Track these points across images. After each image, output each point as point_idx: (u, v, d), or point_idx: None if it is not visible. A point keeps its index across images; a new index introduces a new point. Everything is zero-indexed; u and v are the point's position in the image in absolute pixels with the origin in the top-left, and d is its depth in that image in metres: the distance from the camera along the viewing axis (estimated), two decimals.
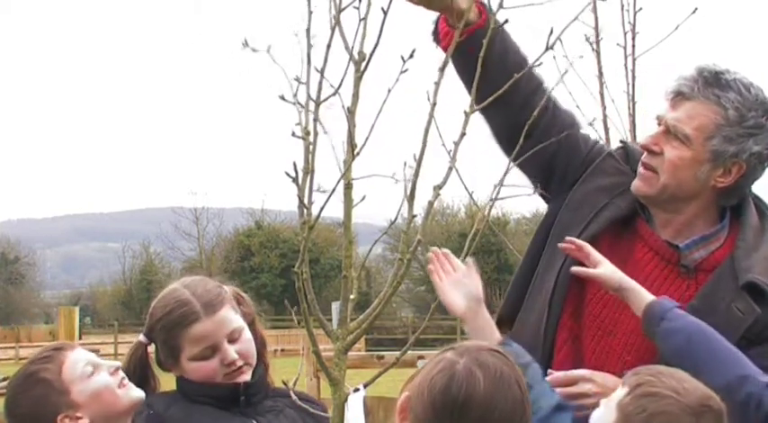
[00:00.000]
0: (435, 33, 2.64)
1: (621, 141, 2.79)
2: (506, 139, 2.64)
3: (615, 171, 2.65)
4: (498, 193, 2.56)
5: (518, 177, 2.69)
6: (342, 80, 2.32)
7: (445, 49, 2.53)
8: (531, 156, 2.50)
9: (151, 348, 2.67)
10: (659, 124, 2.50)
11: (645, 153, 2.52)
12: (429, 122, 2.49)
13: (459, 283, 2.50)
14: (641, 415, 1.96)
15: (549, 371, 2.48)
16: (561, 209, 2.66)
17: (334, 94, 2.31)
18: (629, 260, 2.55)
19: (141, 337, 2.66)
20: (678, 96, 2.47)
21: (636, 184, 2.54)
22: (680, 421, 1.95)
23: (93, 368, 2.42)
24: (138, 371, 2.61)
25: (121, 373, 2.45)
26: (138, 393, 2.45)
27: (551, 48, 2.42)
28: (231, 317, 2.61)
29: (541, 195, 2.78)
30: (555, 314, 2.60)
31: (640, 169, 2.52)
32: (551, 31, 2.42)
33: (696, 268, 2.52)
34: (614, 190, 2.61)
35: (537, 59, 2.43)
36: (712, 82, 2.44)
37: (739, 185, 2.51)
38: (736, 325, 2.40)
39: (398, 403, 1.96)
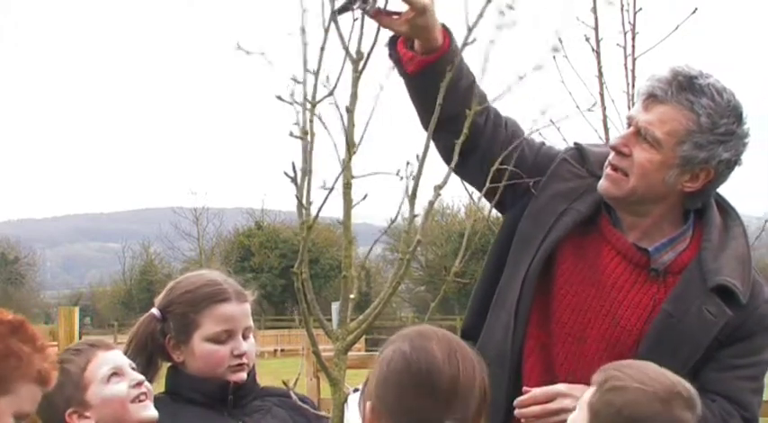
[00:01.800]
0: (394, 57, 2.59)
1: (575, 143, 2.74)
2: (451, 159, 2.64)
3: (571, 175, 2.63)
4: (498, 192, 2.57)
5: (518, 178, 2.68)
6: (338, 79, 2.32)
7: (412, 74, 2.53)
8: (479, 173, 2.48)
9: None
10: (629, 125, 2.48)
11: (613, 154, 2.49)
12: (433, 122, 2.50)
13: None
14: (610, 410, 1.96)
15: (525, 388, 2.46)
16: (522, 219, 2.64)
17: (330, 94, 2.31)
18: (597, 264, 2.54)
19: (154, 311, 2.66)
20: (651, 98, 2.44)
21: (603, 186, 2.51)
22: (650, 409, 1.95)
23: (115, 375, 2.44)
24: (150, 345, 2.62)
25: (143, 389, 2.45)
26: (151, 413, 2.45)
27: (555, 50, 2.42)
28: (249, 314, 2.67)
29: (496, 207, 2.77)
30: (521, 324, 2.57)
31: (608, 170, 2.50)
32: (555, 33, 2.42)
33: (665, 271, 2.51)
34: (572, 194, 2.59)
35: (539, 62, 2.44)
36: (686, 86, 2.41)
37: (706, 190, 2.50)
38: (707, 328, 2.41)
39: (365, 415, 1.94)
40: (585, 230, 2.58)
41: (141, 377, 2.47)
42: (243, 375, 2.63)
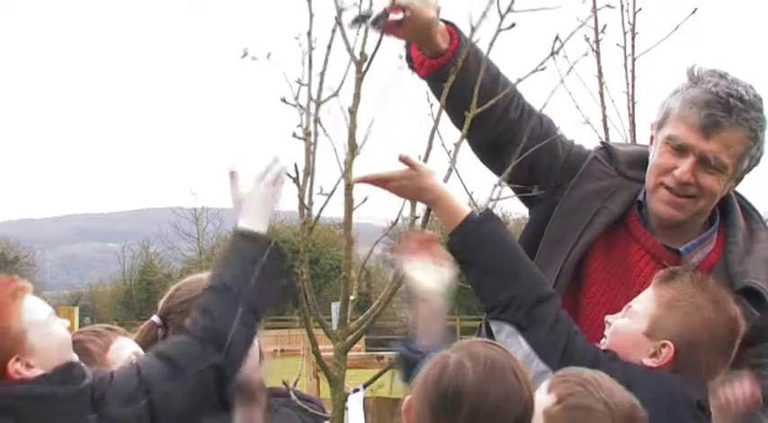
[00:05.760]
0: (409, 60, 2.62)
1: (602, 142, 2.77)
2: (487, 153, 2.65)
3: (603, 174, 2.64)
4: (499, 193, 2.57)
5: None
6: (342, 81, 2.33)
7: (424, 78, 2.54)
8: (513, 167, 2.53)
9: None
10: (680, 150, 2.46)
11: (671, 179, 2.47)
12: (436, 124, 2.51)
13: (429, 266, 2.38)
14: None
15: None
16: (552, 219, 2.65)
17: (334, 95, 2.32)
18: (626, 262, 2.55)
19: (155, 318, 2.67)
20: (709, 127, 2.42)
21: (669, 213, 2.51)
22: None
23: (136, 359, 2.43)
24: None
25: None
26: None
27: (556, 53, 2.43)
28: None
29: (523, 201, 2.77)
30: None
31: (672, 198, 2.49)
32: (557, 37, 2.43)
33: None
34: (604, 193, 2.60)
35: (541, 64, 2.45)
36: (741, 107, 2.42)
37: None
38: None
39: (403, 405, 1.96)
40: (614, 228, 2.60)
41: None
42: None
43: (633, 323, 2.29)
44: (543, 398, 2.01)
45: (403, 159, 2.37)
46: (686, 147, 2.45)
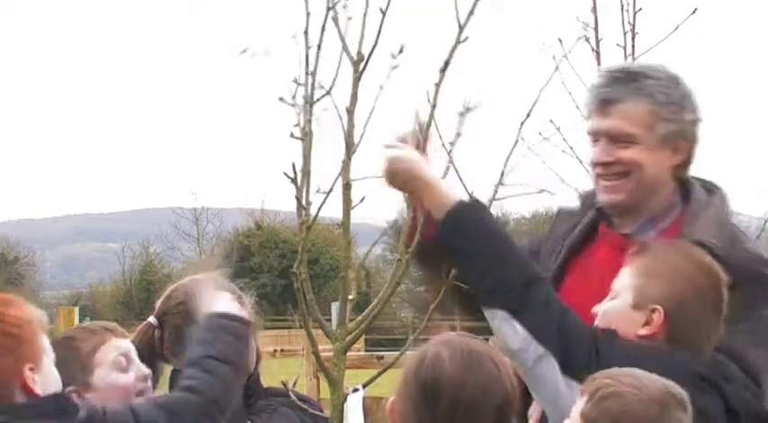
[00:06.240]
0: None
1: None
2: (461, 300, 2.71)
3: (566, 217, 2.75)
4: (497, 192, 2.58)
5: (518, 177, 2.72)
6: (334, 79, 2.33)
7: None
8: None
9: None
10: (596, 139, 2.57)
11: (599, 167, 2.57)
12: (429, 123, 2.51)
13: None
14: (606, 419, 1.95)
15: None
16: None
17: (327, 94, 2.32)
18: (593, 260, 2.63)
19: (151, 319, 2.67)
20: (604, 105, 2.53)
21: (608, 199, 2.59)
22: (647, 414, 1.94)
23: (126, 363, 2.43)
24: (146, 353, 2.62)
25: (148, 384, 2.46)
26: None
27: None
28: None
29: None
30: None
31: (603, 182, 2.57)
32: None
33: None
34: (568, 233, 2.69)
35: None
36: (628, 78, 2.53)
37: (690, 155, 2.61)
38: None
39: (387, 405, 1.97)
40: (586, 246, 2.67)
41: (148, 371, 2.48)
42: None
43: (619, 301, 2.30)
44: (579, 402, 2.02)
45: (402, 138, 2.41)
46: (595, 132, 2.57)
